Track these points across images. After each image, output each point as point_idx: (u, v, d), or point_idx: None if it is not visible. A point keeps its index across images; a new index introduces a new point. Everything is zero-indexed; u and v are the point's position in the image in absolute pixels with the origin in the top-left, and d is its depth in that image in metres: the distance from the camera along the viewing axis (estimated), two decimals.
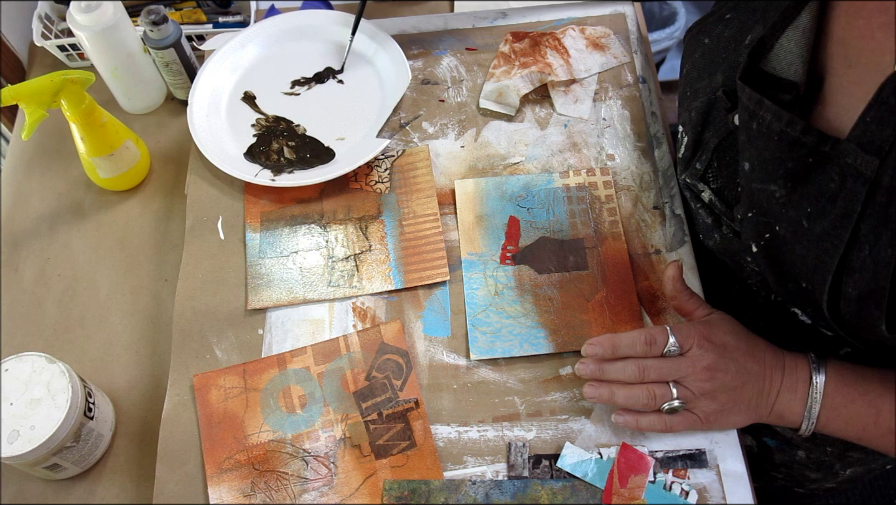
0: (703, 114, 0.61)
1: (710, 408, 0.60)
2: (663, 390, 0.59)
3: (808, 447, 0.70)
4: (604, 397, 0.60)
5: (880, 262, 0.47)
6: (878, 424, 0.56)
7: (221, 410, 0.66)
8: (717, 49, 0.60)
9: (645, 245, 0.73)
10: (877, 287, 0.48)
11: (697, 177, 0.64)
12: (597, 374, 0.61)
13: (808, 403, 0.57)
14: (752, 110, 0.54)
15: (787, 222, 0.54)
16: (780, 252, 0.56)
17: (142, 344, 0.72)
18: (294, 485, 0.63)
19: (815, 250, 0.52)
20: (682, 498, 0.60)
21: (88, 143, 0.74)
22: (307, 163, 0.78)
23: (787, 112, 0.51)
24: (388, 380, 0.67)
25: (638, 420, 0.61)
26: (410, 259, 0.73)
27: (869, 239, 0.47)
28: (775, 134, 0.52)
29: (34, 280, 0.76)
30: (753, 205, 0.57)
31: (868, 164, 0.46)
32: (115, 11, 0.76)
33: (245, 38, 0.86)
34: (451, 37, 0.89)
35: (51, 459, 0.60)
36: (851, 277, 0.50)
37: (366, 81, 0.85)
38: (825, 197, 0.50)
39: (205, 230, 0.76)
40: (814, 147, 0.50)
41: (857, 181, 0.47)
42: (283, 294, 0.72)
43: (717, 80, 0.59)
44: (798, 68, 0.54)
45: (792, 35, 0.54)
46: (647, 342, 0.59)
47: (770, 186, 0.54)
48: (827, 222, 0.50)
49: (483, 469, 0.63)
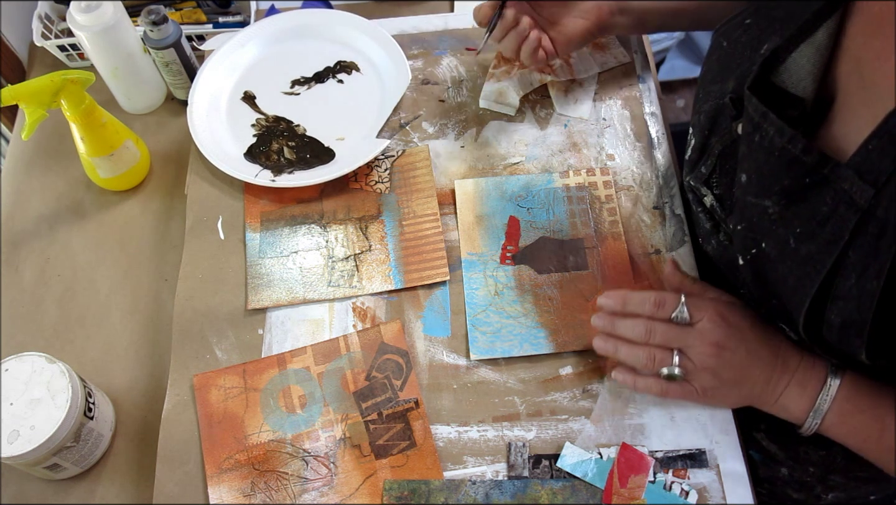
0: (711, 118, 0.61)
1: (710, 384, 0.60)
2: (664, 355, 0.60)
3: (790, 465, 0.70)
4: (608, 351, 0.63)
5: (865, 292, 0.47)
6: (880, 438, 0.56)
7: (221, 410, 0.66)
8: (733, 54, 0.59)
9: (645, 245, 0.73)
10: (860, 318, 0.48)
11: (701, 180, 0.64)
12: (608, 327, 0.63)
13: (817, 403, 0.57)
14: (757, 122, 0.53)
15: (774, 240, 0.54)
16: (764, 269, 0.56)
17: (142, 344, 0.72)
18: (294, 485, 0.63)
19: (798, 272, 0.52)
20: (682, 498, 0.61)
21: (88, 143, 0.74)
22: (307, 163, 0.78)
23: (790, 129, 0.50)
24: (388, 380, 0.67)
25: (635, 380, 0.62)
26: (410, 259, 0.73)
27: (856, 268, 0.47)
28: (776, 149, 0.51)
29: (34, 280, 0.76)
30: (744, 218, 0.57)
31: (863, 193, 0.46)
32: (115, 11, 0.76)
33: (245, 38, 0.86)
34: (451, 37, 0.89)
35: (51, 459, 0.60)
36: (835, 305, 0.50)
37: (366, 81, 0.85)
38: (816, 220, 0.50)
39: (205, 230, 0.76)
40: (812, 167, 0.49)
41: (850, 209, 0.47)
42: (283, 294, 0.72)
43: (728, 85, 0.59)
44: (808, 85, 0.54)
45: (806, 51, 0.53)
46: (656, 303, 0.61)
47: (764, 202, 0.54)
48: (814, 245, 0.50)
49: (483, 469, 0.63)
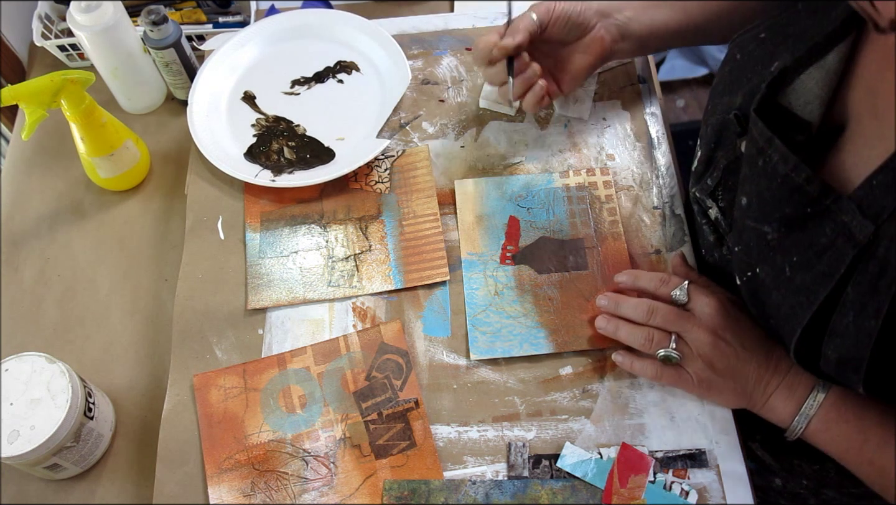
0: (718, 132, 0.61)
1: (705, 374, 0.61)
2: (662, 337, 0.62)
3: (784, 476, 0.70)
4: (609, 331, 0.65)
5: (862, 331, 0.46)
6: (862, 450, 0.56)
7: (221, 410, 0.66)
8: (744, 67, 0.59)
9: (645, 245, 0.73)
10: (857, 355, 0.48)
11: (707, 193, 0.64)
12: (611, 308, 0.66)
13: (803, 408, 0.58)
14: (761, 147, 0.53)
15: (770, 266, 0.54)
16: (758, 293, 0.57)
17: (142, 344, 0.72)
18: (294, 485, 0.63)
19: (791, 301, 0.52)
20: (682, 498, 0.61)
21: (88, 143, 0.74)
22: (307, 163, 0.78)
23: (794, 156, 0.50)
24: (388, 380, 0.67)
25: (633, 362, 0.64)
26: (410, 259, 0.73)
27: (854, 306, 0.47)
28: (779, 176, 0.51)
29: (34, 280, 0.76)
30: (742, 241, 0.58)
31: (863, 229, 0.45)
32: (115, 11, 0.76)
33: (245, 38, 0.86)
34: (451, 37, 0.89)
35: (51, 459, 0.60)
36: (833, 341, 0.50)
37: (366, 81, 0.85)
38: (813, 250, 0.49)
39: (205, 230, 0.76)
40: (815, 198, 0.49)
41: (848, 242, 0.46)
42: (283, 294, 0.72)
43: (736, 100, 0.58)
44: (815, 109, 0.53)
45: (815, 74, 0.52)
46: (661, 280, 0.65)
47: (764, 227, 0.54)
48: (809, 276, 0.50)
49: (483, 469, 0.63)
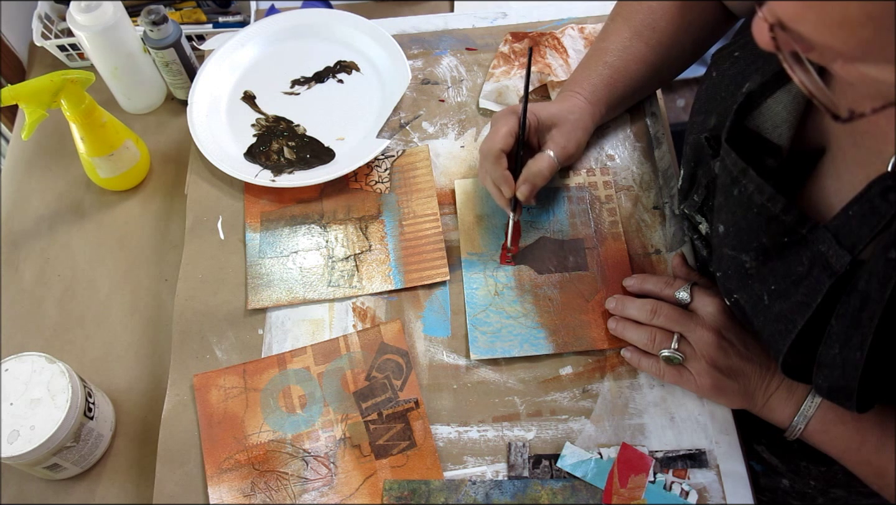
0: (696, 151, 0.61)
1: (707, 373, 0.61)
2: (664, 336, 0.63)
3: (792, 477, 0.70)
4: (617, 331, 0.67)
5: (849, 362, 0.47)
6: (859, 450, 0.57)
7: (221, 410, 0.66)
8: (719, 86, 0.59)
9: (645, 245, 0.73)
10: (846, 384, 0.48)
11: (695, 208, 0.64)
12: (617, 309, 0.67)
13: (802, 409, 0.58)
14: (735, 177, 0.52)
15: (748, 294, 0.54)
16: (743, 316, 0.58)
17: (142, 344, 0.72)
18: (294, 485, 0.63)
19: (770, 328, 0.52)
20: (682, 498, 0.61)
21: (88, 143, 0.74)
22: (307, 163, 0.78)
23: (770, 187, 0.50)
24: (388, 380, 0.67)
25: (640, 359, 0.65)
26: (410, 259, 0.73)
27: (839, 338, 0.47)
28: (755, 206, 0.51)
29: (34, 280, 0.76)
30: (721, 267, 0.59)
31: (839, 259, 0.45)
32: (115, 11, 0.76)
33: (245, 38, 0.86)
34: (451, 37, 0.89)
35: (51, 459, 0.60)
36: (822, 372, 0.50)
37: (366, 81, 0.85)
38: (790, 279, 0.49)
39: (205, 230, 0.76)
40: (791, 227, 0.49)
41: (824, 272, 0.46)
42: (283, 294, 0.72)
43: (710, 120, 0.58)
44: (784, 133, 0.53)
45: (782, 98, 0.52)
46: (666, 282, 0.66)
47: (742, 256, 0.54)
48: (786, 305, 0.50)
49: (483, 469, 0.63)
